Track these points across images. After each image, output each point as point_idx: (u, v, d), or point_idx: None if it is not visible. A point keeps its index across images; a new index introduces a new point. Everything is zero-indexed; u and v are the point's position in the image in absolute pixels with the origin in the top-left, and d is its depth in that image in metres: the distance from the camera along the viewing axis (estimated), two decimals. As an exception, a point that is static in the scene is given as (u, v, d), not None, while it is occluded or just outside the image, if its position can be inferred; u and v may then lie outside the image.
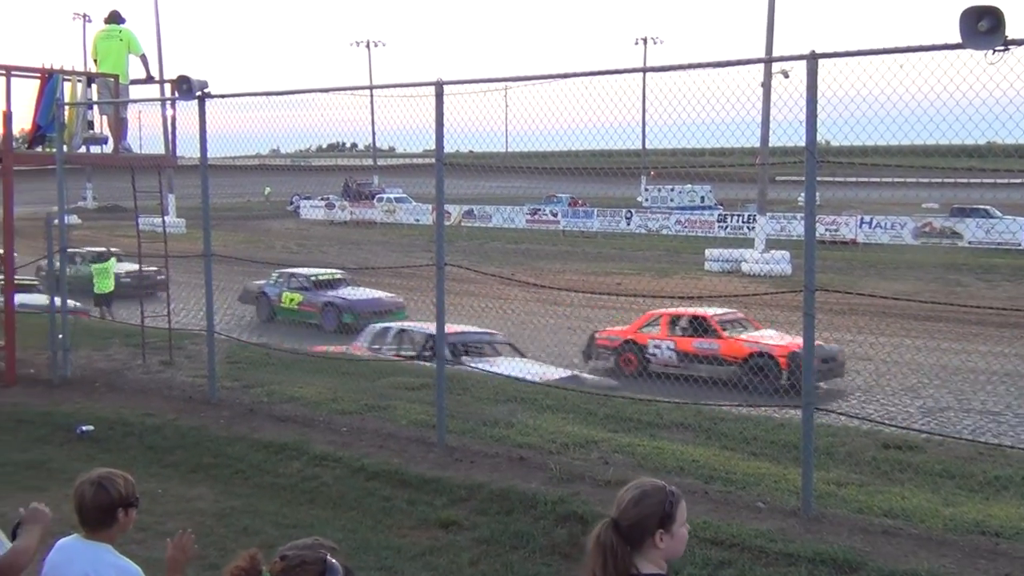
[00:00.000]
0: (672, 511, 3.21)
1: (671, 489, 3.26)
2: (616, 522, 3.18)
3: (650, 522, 3.17)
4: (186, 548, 4.02)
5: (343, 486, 8.59)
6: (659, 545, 3.18)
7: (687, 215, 46.16)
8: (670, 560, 3.26)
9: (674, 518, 3.21)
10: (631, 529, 3.16)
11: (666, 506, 3.20)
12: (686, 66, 8.19)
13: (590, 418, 10.38)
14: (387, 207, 52.06)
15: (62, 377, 12.70)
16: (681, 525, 3.24)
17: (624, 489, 3.26)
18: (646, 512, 3.17)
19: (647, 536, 3.17)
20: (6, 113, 12.84)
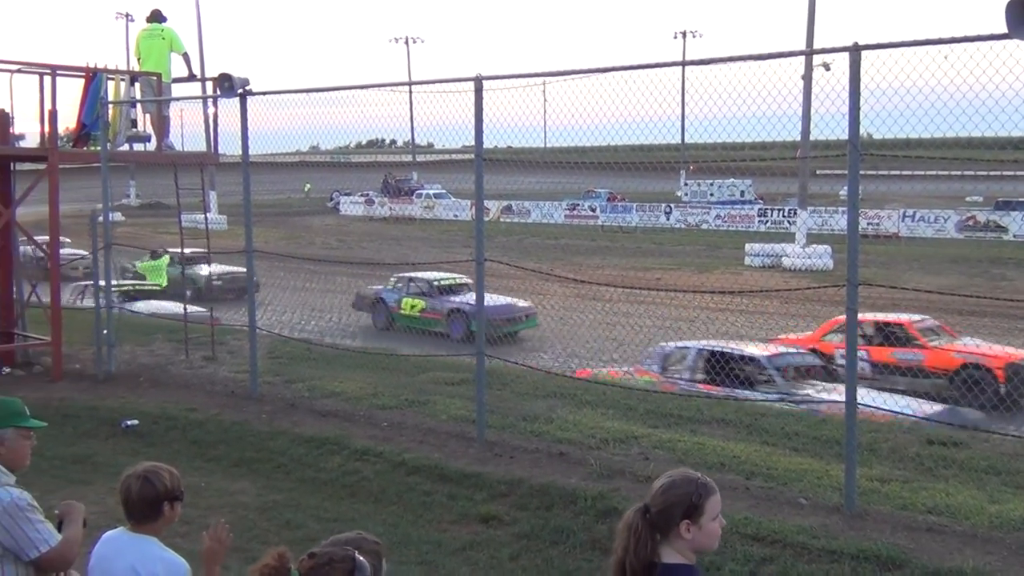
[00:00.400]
0: (700, 503, 3.19)
1: (703, 481, 3.24)
2: (646, 507, 3.20)
3: (676, 511, 3.17)
4: (222, 539, 4.06)
5: (384, 481, 8.64)
6: (684, 536, 3.18)
7: (727, 209, 45.86)
8: (700, 553, 3.26)
9: (702, 510, 3.19)
10: (658, 516, 3.18)
11: (693, 497, 3.19)
12: (726, 59, 8.14)
13: (630, 413, 10.36)
14: (426, 203, 52.20)
15: (107, 372, 12.87)
16: (712, 519, 3.22)
17: (661, 476, 3.27)
18: (672, 500, 3.18)
19: (673, 525, 3.17)
20: (51, 112, 13.02)
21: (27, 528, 4.06)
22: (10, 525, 4.03)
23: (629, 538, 3.17)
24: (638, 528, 3.17)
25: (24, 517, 4.06)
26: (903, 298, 18.00)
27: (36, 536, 4.07)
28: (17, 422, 4.34)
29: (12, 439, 4.29)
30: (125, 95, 13.69)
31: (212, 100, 13.26)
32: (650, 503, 3.21)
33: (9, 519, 4.03)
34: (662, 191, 51.24)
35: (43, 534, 4.09)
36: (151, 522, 4.02)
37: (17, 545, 4.05)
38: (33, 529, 4.07)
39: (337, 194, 58.76)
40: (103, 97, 13.08)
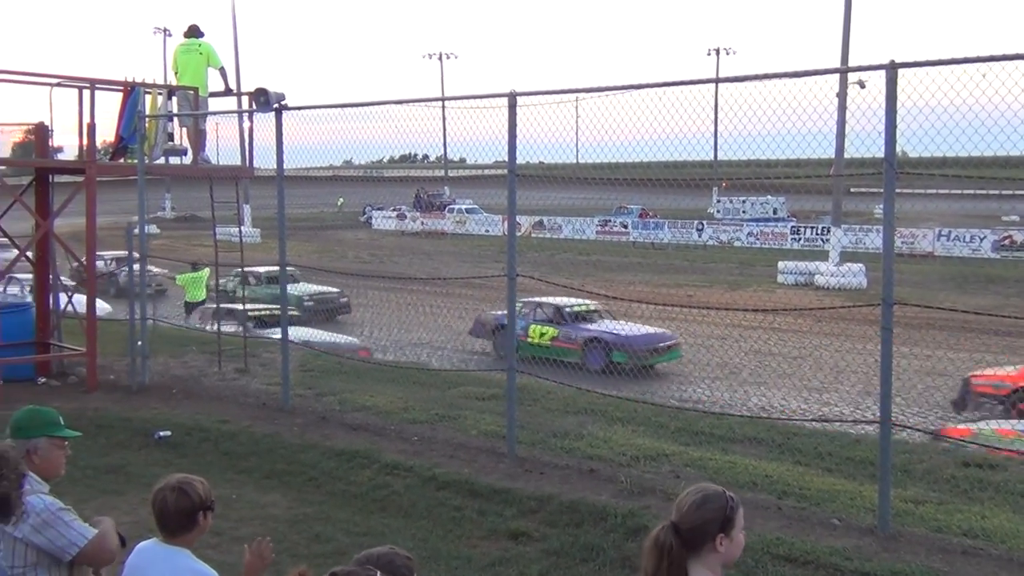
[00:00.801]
0: (733, 516, 3.21)
1: (731, 494, 3.27)
2: (676, 525, 3.19)
3: (711, 527, 3.17)
4: (264, 555, 4.08)
5: (414, 495, 8.64)
6: (719, 549, 3.18)
7: (760, 227, 45.64)
8: (727, 565, 3.26)
9: (734, 523, 3.21)
10: (692, 532, 3.17)
11: (727, 511, 3.20)
12: (761, 76, 8.12)
13: (661, 431, 10.32)
14: (458, 218, 52.34)
15: (140, 383, 12.97)
16: (740, 530, 3.25)
17: (684, 493, 3.27)
18: (708, 516, 3.18)
19: (707, 540, 3.17)
20: (90, 125, 13.18)
21: (62, 529, 4.11)
22: (44, 529, 4.07)
23: (661, 558, 3.16)
24: (671, 547, 3.15)
25: (57, 519, 4.11)
26: (937, 317, 17.84)
27: (72, 535, 4.12)
28: (50, 431, 4.38)
29: (45, 448, 4.33)
30: (162, 109, 13.84)
31: (248, 114, 13.38)
32: (680, 520, 3.19)
33: (43, 524, 4.07)
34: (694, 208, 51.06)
35: (78, 532, 4.14)
36: (185, 533, 4.04)
37: (55, 547, 4.09)
38: (68, 529, 4.12)
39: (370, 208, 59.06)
40: (141, 111, 13.23)
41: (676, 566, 3.14)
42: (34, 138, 14.69)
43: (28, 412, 4.45)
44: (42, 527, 4.07)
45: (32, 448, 4.29)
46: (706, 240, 44.62)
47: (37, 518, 4.05)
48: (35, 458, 4.29)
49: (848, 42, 33.07)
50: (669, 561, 3.14)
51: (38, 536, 4.06)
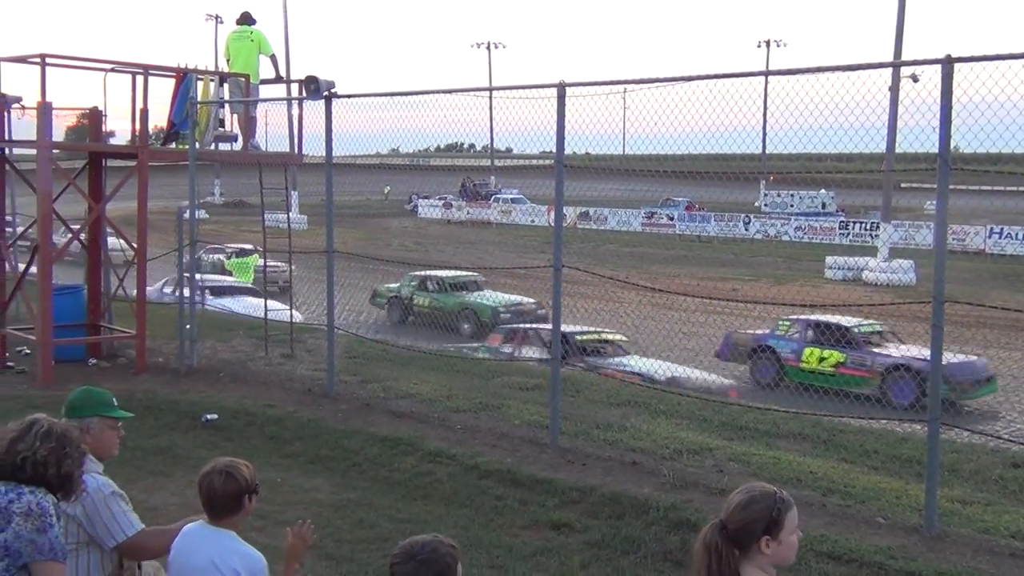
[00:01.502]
0: (780, 518, 3.15)
1: (781, 495, 3.20)
2: (724, 524, 3.16)
3: (757, 527, 3.12)
4: (306, 537, 4.13)
5: (456, 483, 8.67)
6: (765, 551, 3.13)
7: (807, 221, 45.20)
8: (778, 567, 3.22)
9: (782, 525, 3.15)
10: (738, 532, 3.13)
11: (773, 512, 3.14)
12: (814, 69, 8.03)
13: (704, 425, 10.27)
14: (503, 207, 52.37)
15: (188, 367, 13.13)
16: (791, 533, 3.18)
17: (735, 492, 3.23)
18: (753, 517, 3.13)
19: (753, 541, 3.13)
20: (143, 111, 13.34)
21: (106, 517, 4.16)
22: (93, 511, 4.13)
23: (709, 557, 3.14)
24: (718, 546, 3.13)
25: (106, 506, 4.16)
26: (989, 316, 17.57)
27: (114, 526, 4.16)
28: (103, 411, 4.45)
29: (98, 428, 4.40)
30: (214, 95, 13.97)
31: (298, 102, 13.48)
32: (727, 519, 3.16)
33: (93, 505, 4.13)
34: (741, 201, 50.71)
35: (122, 524, 4.18)
36: (231, 516, 4.09)
37: (96, 532, 4.14)
38: (112, 519, 4.16)
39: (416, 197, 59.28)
40: (193, 97, 13.36)
41: (725, 565, 3.11)
42: (88, 123, 14.90)
43: (82, 392, 4.54)
44: (91, 509, 4.13)
45: (85, 427, 4.37)
46: (753, 234, 44.28)
47: (88, 499, 4.12)
48: (88, 437, 4.36)
49: (902, 35, 32.60)
50: (717, 560, 3.12)
51: (86, 518, 4.13)
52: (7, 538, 3.47)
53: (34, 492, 3.56)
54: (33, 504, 3.52)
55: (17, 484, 3.56)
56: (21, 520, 3.48)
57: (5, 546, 3.47)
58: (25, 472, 3.58)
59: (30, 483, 3.57)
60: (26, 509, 3.50)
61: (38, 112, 12.61)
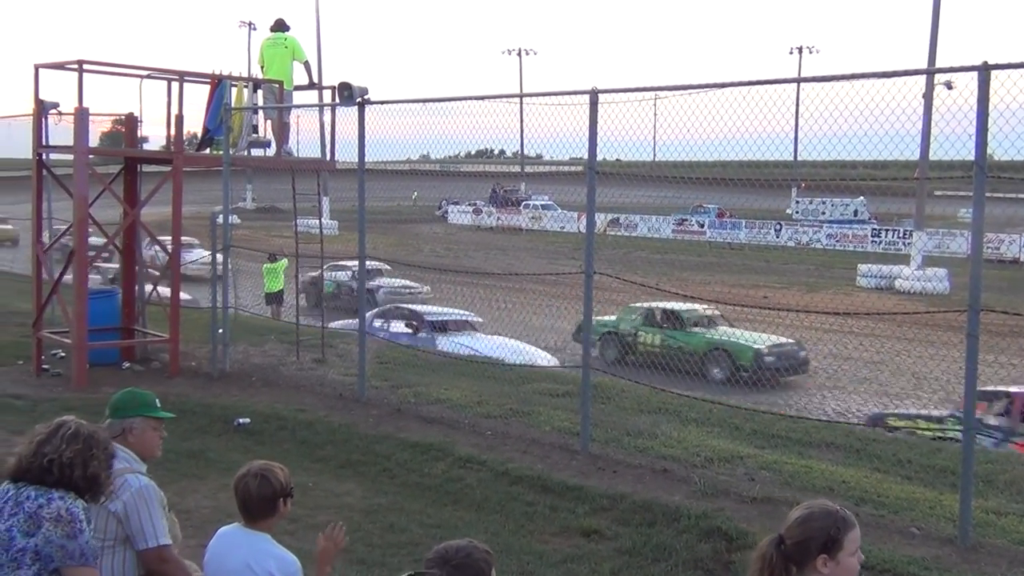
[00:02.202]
0: (839, 536, 3.07)
1: (842, 514, 3.13)
2: (782, 539, 3.12)
3: (813, 544, 3.07)
4: (338, 540, 4.15)
5: (487, 489, 8.68)
6: (821, 570, 3.07)
7: (839, 229, 44.88)
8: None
9: (841, 545, 3.07)
10: (794, 548, 3.08)
11: (831, 531, 3.07)
12: (847, 76, 7.99)
13: (736, 433, 10.23)
14: (533, 214, 52.35)
15: (221, 370, 13.23)
16: (851, 554, 3.10)
17: (797, 507, 3.20)
18: (809, 534, 3.08)
19: (810, 558, 3.07)
20: (178, 116, 13.47)
21: (144, 518, 4.19)
22: (132, 510, 4.16)
23: (763, 570, 3.10)
24: (772, 560, 3.08)
25: (147, 506, 4.19)
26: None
27: (148, 530, 4.18)
28: (145, 412, 4.50)
29: (140, 428, 4.45)
30: (248, 101, 14.07)
31: (330, 108, 13.56)
32: (785, 534, 3.11)
33: (134, 504, 4.17)
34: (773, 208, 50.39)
35: (153, 531, 4.19)
36: (266, 519, 4.13)
37: (132, 531, 4.18)
38: (150, 521, 4.19)
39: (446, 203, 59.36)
40: (227, 103, 13.47)
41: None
42: (123, 128, 15.06)
43: (126, 393, 4.60)
44: (131, 507, 4.17)
45: (128, 427, 4.43)
46: (784, 241, 44.00)
47: (130, 497, 4.16)
48: (130, 437, 4.41)
49: (936, 42, 32.36)
50: (771, 574, 3.09)
51: (125, 515, 4.17)
52: (37, 543, 3.50)
53: (63, 497, 3.58)
54: (63, 509, 3.55)
55: (46, 488, 3.59)
56: (51, 525, 3.51)
57: (36, 551, 3.49)
58: (52, 475, 3.60)
59: (57, 486, 3.59)
60: (56, 514, 3.53)
61: (75, 118, 12.76)
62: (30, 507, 3.53)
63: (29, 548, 3.49)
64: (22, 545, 3.49)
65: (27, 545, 3.49)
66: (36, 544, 3.49)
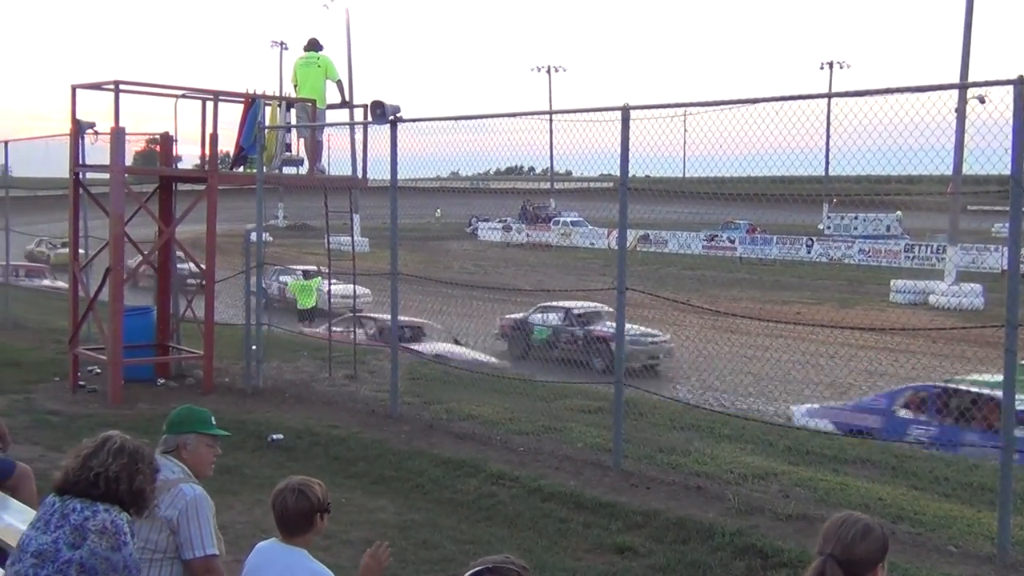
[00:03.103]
0: (888, 545, 3.16)
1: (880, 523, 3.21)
2: (837, 558, 3.09)
3: (877, 556, 3.10)
4: (382, 559, 4.16)
5: (519, 505, 8.67)
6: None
7: (872, 244, 44.57)
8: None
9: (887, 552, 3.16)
10: (856, 565, 3.08)
11: (885, 540, 3.14)
12: (879, 91, 7.96)
13: (769, 449, 10.17)
14: (563, 230, 52.37)
15: (254, 387, 13.31)
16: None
17: (837, 525, 3.15)
18: (874, 547, 3.09)
19: (869, 571, 3.09)
20: (212, 135, 13.60)
21: (195, 526, 4.24)
22: (184, 517, 4.22)
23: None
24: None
25: (199, 515, 4.25)
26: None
27: (199, 539, 4.23)
28: (200, 428, 4.57)
29: (194, 444, 4.52)
30: (281, 120, 14.19)
31: (362, 126, 13.65)
32: (842, 552, 3.09)
33: (186, 511, 4.23)
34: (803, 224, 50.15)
35: (206, 539, 4.25)
36: (303, 534, 4.15)
37: (181, 539, 4.23)
38: (200, 530, 4.25)
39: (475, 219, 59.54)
40: (260, 122, 13.59)
41: None
42: (157, 147, 15.23)
43: (183, 409, 4.67)
44: (184, 515, 4.23)
45: (182, 443, 4.50)
46: (816, 257, 43.75)
47: (184, 505, 4.22)
48: (184, 453, 4.49)
49: (968, 56, 32.18)
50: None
51: (177, 523, 4.23)
52: (83, 555, 3.55)
53: (109, 510, 3.63)
54: (108, 522, 3.60)
55: (92, 501, 3.65)
56: (96, 537, 3.56)
57: (81, 563, 3.55)
58: (98, 488, 3.66)
59: (103, 499, 3.65)
60: (101, 527, 3.58)
61: (112, 137, 12.91)
62: (76, 519, 3.59)
63: (75, 560, 3.54)
64: (68, 557, 3.54)
65: (72, 557, 3.54)
66: (81, 556, 3.55)
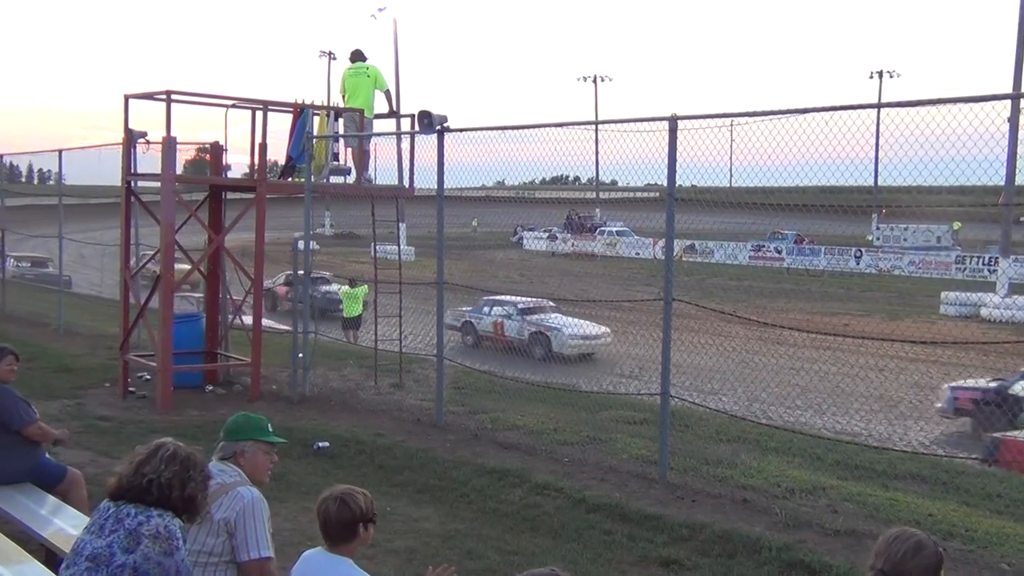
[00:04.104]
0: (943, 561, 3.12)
1: (934, 539, 3.17)
2: (888, 574, 3.08)
3: (929, 573, 3.07)
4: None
5: (564, 516, 8.64)
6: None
7: (922, 256, 44.01)
8: None
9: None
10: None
11: (939, 556, 3.11)
12: (928, 102, 7.86)
13: (817, 463, 10.06)
14: (608, 240, 52.27)
15: (301, 394, 13.40)
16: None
17: (889, 540, 3.13)
18: (925, 563, 3.08)
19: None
20: (262, 145, 13.73)
21: (251, 528, 4.29)
22: (240, 519, 4.28)
23: None
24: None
25: (255, 517, 4.30)
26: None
27: (254, 540, 4.28)
28: (257, 436, 4.63)
29: (251, 451, 4.58)
30: (329, 130, 14.30)
31: (409, 136, 13.72)
32: (893, 568, 3.08)
33: (243, 513, 4.28)
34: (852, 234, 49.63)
35: (261, 542, 4.30)
36: (346, 543, 4.17)
37: (237, 541, 4.27)
38: (255, 532, 4.29)
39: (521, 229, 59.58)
40: (309, 131, 13.71)
41: None
42: (208, 156, 15.40)
43: (240, 417, 4.73)
44: (240, 517, 4.27)
45: (240, 450, 4.56)
46: (864, 268, 43.27)
47: (240, 507, 4.27)
48: (242, 460, 4.54)
49: (1021, 65, 31.69)
50: None
51: (234, 524, 4.27)
52: (136, 559, 3.60)
53: (162, 515, 3.69)
54: (161, 527, 3.66)
55: (145, 506, 3.70)
56: (150, 542, 3.62)
57: (134, 567, 3.60)
58: (151, 494, 3.72)
59: (156, 505, 3.71)
60: (154, 532, 3.64)
61: (163, 147, 13.07)
62: (130, 524, 3.65)
63: (128, 564, 3.60)
64: (122, 561, 3.60)
65: (126, 561, 3.60)
66: (135, 560, 3.60)
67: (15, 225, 26.06)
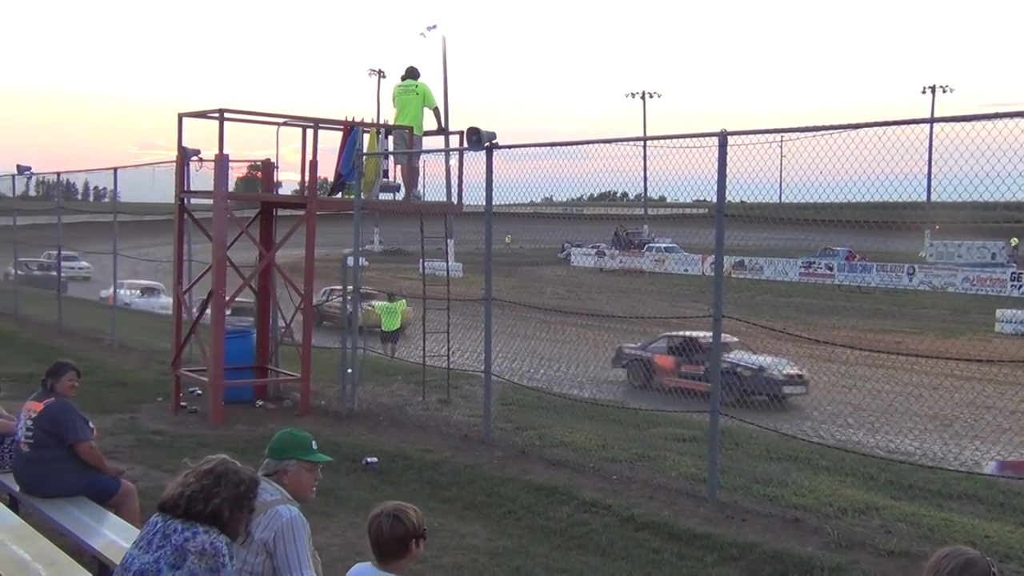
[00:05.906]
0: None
1: (988, 559, 3.08)
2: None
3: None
4: None
5: (612, 534, 8.59)
6: None
7: (976, 272, 43.31)
8: None
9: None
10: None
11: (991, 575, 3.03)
12: (981, 117, 7.74)
13: (870, 482, 9.91)
14: (656, 256, 52.05)
15: (349, 410, 13.47)
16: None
17: (940, 557, 3.08)
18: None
19: None
20: (312, 162, 13.87)
21: (291, 548, 4.29)
22: (280, 539, 4.27)
23: None
24: None
25: (295, 538, 4.30)
26: None
27: (295, 560, 4.28)
28: (300, 455, 4.62)
29: (295, 470, 4.58)
30: (379, 147, 14.40)
31: (457, 153, 13.78)
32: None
33: (283, 533, 4.28)
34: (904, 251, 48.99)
35: (302, 561, 4.30)
36: (397, 559, 4.17)
37: (278, 561, 4.27)
38: (296, 552, 4.29)
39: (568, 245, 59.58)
40: (359, 148, 13.81)
41: None
42: (259, 174, 15.58)
43: (284, 434, 4.73)
44: (280, 537, 4.28)
45: (283, 469, 4.56)
46: (917, 285, 42.67)
47: (279, 527, 4.28)
48: (285, 479, 4.54)
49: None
50: None
51: (273, 544, 4.28)
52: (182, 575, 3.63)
53: (208, 532, 3.70)
54: (207, 544, 3.67)
55: (192, 522, 3.72)
56: (196, 559, 3.63)
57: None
58: (198, 510, 3.74)
59: (204, 521, 3.72)
60: (201, 548, 3.65)
61: (216, 164, 13.25)
62: (177, 540, 3.67)
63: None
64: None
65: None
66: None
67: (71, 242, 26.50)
